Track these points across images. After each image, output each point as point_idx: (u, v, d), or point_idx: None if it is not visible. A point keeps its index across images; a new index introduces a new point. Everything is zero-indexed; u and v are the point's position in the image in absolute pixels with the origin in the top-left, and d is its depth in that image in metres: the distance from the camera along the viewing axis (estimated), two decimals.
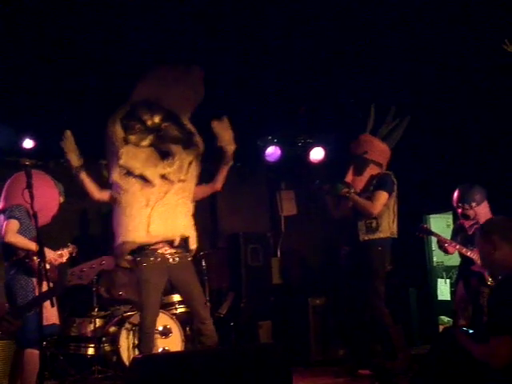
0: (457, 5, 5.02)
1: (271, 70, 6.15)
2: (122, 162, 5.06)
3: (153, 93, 5.20)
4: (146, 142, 5.19)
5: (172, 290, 5.99)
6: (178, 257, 5.08)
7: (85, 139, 5.15)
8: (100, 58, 5.67)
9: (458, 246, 5.76)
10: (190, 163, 5.24)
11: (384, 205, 5.78)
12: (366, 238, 5.79)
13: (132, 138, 5.14)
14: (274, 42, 5.62)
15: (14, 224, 4.75)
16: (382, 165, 6.01)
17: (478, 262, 5.68)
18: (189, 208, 5.24)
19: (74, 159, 5.01)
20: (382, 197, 5.78)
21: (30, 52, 5.49)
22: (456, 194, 5.81)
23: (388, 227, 5.83)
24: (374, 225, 5.79)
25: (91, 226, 7.45)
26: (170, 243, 5.07)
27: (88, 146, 5.18)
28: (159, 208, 5.05)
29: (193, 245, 5.17)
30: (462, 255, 5.84)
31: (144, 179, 5.09)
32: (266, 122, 6.97)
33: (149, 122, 5.17)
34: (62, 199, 5.18)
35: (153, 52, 5.62)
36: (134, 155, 5.11)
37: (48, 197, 4.98)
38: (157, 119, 5.18)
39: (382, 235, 5.79)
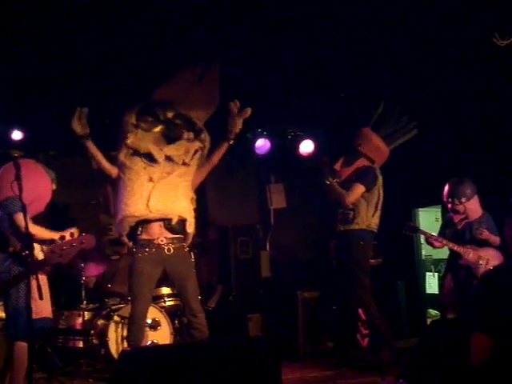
0: (457, 2, 5.02)
1: (261, 63, 6.14)
2: (129, 141, 5.14)
3: (169, 97, 5.34)
4: (155, 129, 5.28)
5: (163, 281, 5.98)
6: (174, 247, 5.08)
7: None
8: (91, 50, 5.65)
9: (444, 242, 5.78)
10: (196, 151, 5.29)
11: (361, 197, 5.86)
12: (342, 229, 5.90)
13: (143, 125, 5.24)
14: (266, 35, 5.62)
15: (22, 216, 4.69)
16: (375, 161, 6.03)
17: (466, 256, 5.72)
18: (190, 193, 5.29)
19: (78, 128, 5.02)
20: (358, 189, 5.86)
21: (18, 44, 5.45)
22: (446, 188, 5.82)
23: (365, 219, 5.88)
24: (350, 216, 5.88)
25: (80, 215, 7.43)
26: (168, 228, 5.08)
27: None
28: (161, 186, 5.11)
29: (190, 228, 5.18)
30: (450, 248, 5.88)
31: (149, 158, 5.15)
32: (255, 115, 6.97)
33: (161, 117, 5.27)
34: (54, 186, 5.16)
35: (147, 45, 5.61)
36: (142, 137, 5.20)
37: (41, 186, 4.97)
38: (169, 114, 5.28)
39: (357, 227, 5.86)
